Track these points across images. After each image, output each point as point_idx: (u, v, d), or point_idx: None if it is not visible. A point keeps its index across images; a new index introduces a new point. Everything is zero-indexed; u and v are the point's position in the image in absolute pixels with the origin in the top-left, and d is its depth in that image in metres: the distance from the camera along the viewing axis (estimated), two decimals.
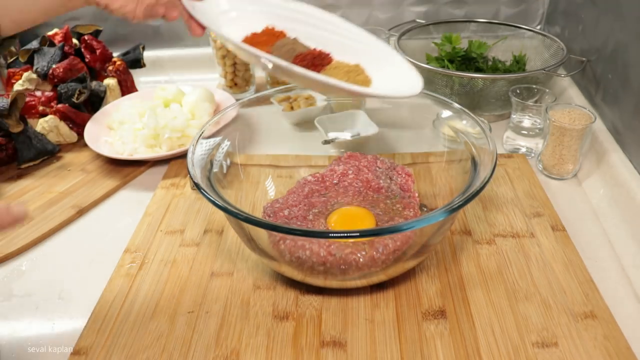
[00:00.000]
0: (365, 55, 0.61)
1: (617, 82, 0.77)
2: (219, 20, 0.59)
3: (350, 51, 0.61)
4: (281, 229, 0.51)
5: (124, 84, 1.03)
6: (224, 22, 0.60)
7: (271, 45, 0.59)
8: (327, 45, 0.61)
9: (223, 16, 0.60)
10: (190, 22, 0.57)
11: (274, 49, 0.59)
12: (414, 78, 0.58)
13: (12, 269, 0.66)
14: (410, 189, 0.67)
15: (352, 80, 0.58)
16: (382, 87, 0.58)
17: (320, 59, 0.59)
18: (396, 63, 0.61)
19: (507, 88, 0.85)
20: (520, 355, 0.50)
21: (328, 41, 0.62)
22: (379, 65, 0.61)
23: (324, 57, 0.60)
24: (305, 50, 0.60)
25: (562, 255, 0.61)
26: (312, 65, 0.58)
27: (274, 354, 0.52)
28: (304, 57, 0.58)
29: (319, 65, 0.59)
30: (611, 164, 0.71)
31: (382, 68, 0.60)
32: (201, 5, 0.58)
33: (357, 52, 0.61)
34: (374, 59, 0.61)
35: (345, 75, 0.58)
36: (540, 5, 1.13)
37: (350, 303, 0.57)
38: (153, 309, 0.57)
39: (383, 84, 0.58)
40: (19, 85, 0.95)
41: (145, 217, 0.71)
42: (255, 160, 0.71)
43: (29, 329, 0.58)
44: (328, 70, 0.59)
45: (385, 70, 0.60)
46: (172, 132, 0.83)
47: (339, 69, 0.59)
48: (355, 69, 0.59)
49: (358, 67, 0.60)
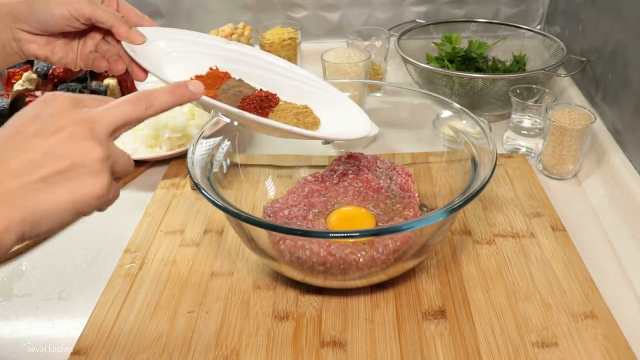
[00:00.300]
0: (312, 95, 0.62)
1: (617, 82, 0.77)
2: (162, 63, 0.58)
3: (297, 92, 0.62)
4: (281, 229, 0.51)
5: (124, 84, 1.03)
6: (166, 63, 0.58)
7: (217, 89, 0.58)
8: (273, 86, 0.61)
9: (165, 57, 0.58)
10: (132, 66, 0.56)
11: (220, 92, 0.58)
12: (361, 118, 0.60)
13: (12, 269, 0.66)
14: (410, 189, 0.67)
15: (302, 122, 0.58)
16: (331, 129, 0.58)
17: (267, 100, 0.59)
18: (343, 104, 0.62)
19: (507, 88, 0.85)
20: (520, 355, 0.50)
21: (273, 82, 0.62)
22: (326, 106, 0.61)
23: (270, 98, 0.59)
24: (251, 92, 0.59)
25: (562, 255, 0.61)
26: (260, 108, 0.58)
27: (274, 354, 0.52)
28: (251, 100, 0.58)
29: (266, 107, 0.58)
30: (611, 164, 0.71)
31: (330, 109, 0.61)
32: (142, 49, 0.56)
33: (303, 93, 0.62)
34: (321, 100, 0.61)
35: (295, 117, 0.58)
36: (540, 5, 1.13)
37: (350, 303, 0.57)
38: (153, 309, 0.57)
39: (332, 125, 0.59)
40: (19, 85, 0.95)
41: (145, 217, 0.71)
42: (255, 160, 0.71)
43: (28, 329, 0.58)
44: (276, 112, 0.58)
45: (333, 111, 0.61)
46: (172, 132, 0.83)
47: (287, 110, 0.59)
48: (304, 111, 0.60)
49: (307, 109, 0.60)
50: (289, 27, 1.08)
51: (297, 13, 1.16)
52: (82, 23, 0.53)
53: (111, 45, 0.57)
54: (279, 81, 0.62)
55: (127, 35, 0.54)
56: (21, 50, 0.53)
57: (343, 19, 1.16)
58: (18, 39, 0.52)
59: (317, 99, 0.61)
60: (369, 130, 0.59)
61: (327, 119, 0.60)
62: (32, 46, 0.53)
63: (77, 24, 0.52)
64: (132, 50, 0.55)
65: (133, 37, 0.55)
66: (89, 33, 0.57)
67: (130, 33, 0.55)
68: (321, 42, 1.18)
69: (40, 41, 0.54)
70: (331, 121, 0.60)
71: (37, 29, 0.52)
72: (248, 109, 0.57)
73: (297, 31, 1.07)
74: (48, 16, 0.51)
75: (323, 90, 0.62)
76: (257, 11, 1.16)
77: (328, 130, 0.59)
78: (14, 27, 0.52)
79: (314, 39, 1.18)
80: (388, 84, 0.77)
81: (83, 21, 0.52)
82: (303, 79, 0.62)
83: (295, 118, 0.58)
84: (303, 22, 1.16)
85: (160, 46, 0.58)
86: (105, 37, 0.57)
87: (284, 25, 1.09)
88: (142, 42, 0.56)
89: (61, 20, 0.51)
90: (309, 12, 1.16)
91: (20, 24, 0.52)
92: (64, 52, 0.56)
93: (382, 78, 1.05)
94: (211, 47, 0.61)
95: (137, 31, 0.55)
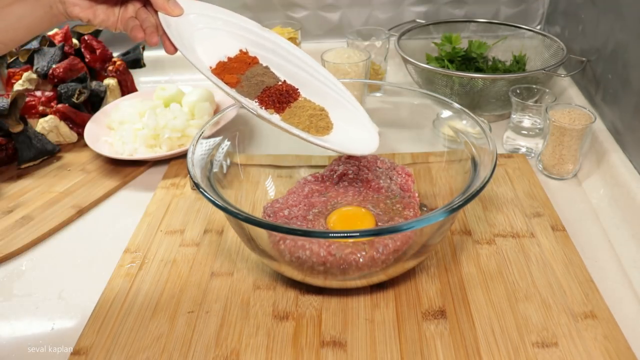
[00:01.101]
0: (331, 99, 0.62)
1: (617, 82, 0.77)
2: (194, 38, 0.59)
3: (318, 92, 0.62)
4: (281, 229, 0.51)
5: (124, 84, 1.03)
6: (198, 40, 0.59)
7: (242, 74, 0.59)
8: (296, 81, 0.62)
9: (198, 33, 0.59)
10: (164, 38, 0.57)
11: (244, 79, 0.59)
12: (373, 135, 0.61)
13: (12, 269, 0.66)
14: (410, 189, 0.67)
15: (315, 125, 0.59)
16: (340, 138, 0.59)
17: (287, 95, 0.60)
18: (359, 117, 0.62)
19: (507, 88, 0.85)
20: (520, 355, 0.50)
21: (298, 76, 0.62)
22: (342, 113, 0.61)
23: (291, 92, 0.60)
24: (273, 83, 0.60)
25: (562, 255, 0.61)
26: (277, 102, 0.59)
27: (274, 354, 0.52)
28: (271, 92, 0.59)
29: (284, 102, 0.59)
30: (611, 164, 0.71)
31: (345, 117, 0.61)
32: (177, 23, 0.57)
33: (324, 95, 0.62)
34: (339, 106, 0.62)
35: (308, 119, 0.59)
36: (540, 5, 1.13)
37: (350, 303, 0.57)
38: (153, 309, 0.57)
39: (342, 134, 0.60)
40: (19, 85, 0.95)
41: (145, 217, 0.71)
42: (255, 160, 0.71)
43: (28, 329, 0.58)
44: (294, 108, 0.59)
45: (347, 120, 0.61)
46: (172, 132, 0.83)
47: (303, 109, 0.60)
48: (319, 113, 0.60)
49: (323, 111, 0.61)
50: (289, 27, 1.08)
51: (297, 13, 1.16)
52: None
53: (149, 15, 0.57)
54: (303, 77, 0.62)
55: (164, 5, 0.56)
56: (65, 11, 0.55)
57: (343, 19, 1.16)
58: (63, 0, 0.54)
59: (336, 104, 0.62)
60: (375, 147, 0.59)
61: (340, 126, 0.61)
62: (75, 9, 0.55)
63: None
64: (166, 23, 0.56)
65: (170, 8, 0.56)
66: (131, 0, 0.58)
67: (166, 4, 0.55)
68: (321, 42, 1.18)
69: (83, 4, 0.55)
70: (343, 130, 0.60)
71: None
72: (266, 102, 0.59)
73: (297, 31, 1.07)
74: None
75: (343, 98, 0.62)
76: (257, 11, 1.16)
77: (336, 139, 0.59)
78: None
79: (314, 39, 1.18)
80: (388, 84, 0.77)
81: None
82: (326, 82, 0.62)
83: (309, 119, 0.59)
84: (303, 22, 1.16)
85: (192, 20, 0.59)
86: (146, 4, 0.58)
87: (284, 25, 1.09)
88: (178, 14, 0.57)
89: None
90: (309, 12, 1.16)
91: None
92: (105, 16, 0.57)
93: (382, 78, 1.05)
94: (245, 30, 0.62)
95: (174, 2, 0.56)
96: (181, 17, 0.57)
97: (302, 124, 0.59)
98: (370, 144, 0.60)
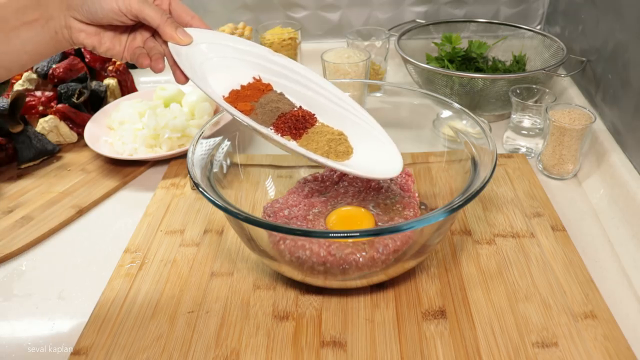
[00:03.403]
0: (350, 122, 0.59)
1: (617, 82, 0.77)
2: (204, 68, 0.57)
3: (335, 116, 0.60)
4: (281, 229, 0.51)
5: (124, 84, 1.03)
6: (209, 70, 0.57)
7: (255, 101, 0.57)
8: (312, 106, 0.60)
9: (208, 63, 0.58)
10: (175, 68, 0.56)
11: (258, 106, 0.57)
12: (396, 157, 0.57)
13: (12, 269, 0.66)
14: (410, 189, 0.67)
15: (334, 150, 0.56)
16: (362, 161, 0.57)
17: (304, 121, 0.58)
18: (379, 137, 0.59)
19: (507, 88, 0.85)
20: (520, 355, 0.50)
21: (313, 101, 0.60)
22: (362, 136, 0.59)
23: (307, 118, 0.58)
24: (289, 109, 0.58)
25: (562, 255, 0.61)
26: (294, 129, 0.57)
27: (274, 354, 0.52)
28: (287, 119, 0.57)
29: (301, 128, 0.57)
30: (611, 164, 0.71)
31: (365, 140, 0.59)
32: (187, 51, 0.56)
33: (342, 118, 0.60)
34: (358, 129, 0.59)
35: (327, 144, 0.57)
36: (540, 5, 1.13)
37: (350, 303, 0.57)
38: (153, 309, 0.57)
39: (364, 157, 0.57)
40: (19, 85, 0.95)
41: (145, 217, 0.71)
42: (255, 160, 0.71)
43: (29, 329, 0.58)
44: (311, 134, 0.57)
45: (368, 142, 0.58)
46: (172, 132, 0.83)
47: (321, 134, 0.57)
48: (338, 138, 0.58)
49: (342, 136, 0.58)
50: (289, 27, 1.08)
51: (297, 13, 1.16)
52: (130, 19, 0.53)
53: (157, 44, 0.57)
54: (319, 102, 0.60)
55: (172, 36, 0.55)
56: (71, 37, 0.54)
57: (343, 19, 1.16)
58: (69, 26, 0.53)
59: (354, 126, 0.59)
60: (400, 169, 0.56)
61: (360, 150, 0.58)
62: (81, 35, 0.54)
63: (125, 19, 0.53)
64: (176, 52, 0.55)
65: (178, 38, 0.55)
66: (139, 29, 0.57)
67: (175, 34, 0.55)
68: (321, 42, 1.18)
69: (90, 30, 0.54)
70: (364, 152, 0.58)
71: (87, 19, 0.53)
72: (282, 128, 0.57)
73: (297, 31, 1.07)
74: (98, 8, 0.52)
75: (361, 119, 0.60)
76: (257, 11, 1.16)
77: (358, 164, 0.56)
78: (67, 14, 0.53)
79: (314, 39, 1.18)
80: (388, 84, 0.77)
81: (131, 17, 0.53)
82: (343, 104, 0.60)
83: (327, 145, 0.57)
84: (303, 22, 1.16)
85: (203, 50, 0.57)
86: (155, 34, 0.57)
87: (284, 25, 1.09)
88: (187, 44, 0.56)
89: (110, 14, 0.52)
90: (309, 12, 1.16)
91: (73, 12, 0.52)
92: (111, 44, 0.56)
93: (382, 78, 1.05)
94: (256, 55, 0.60)
95: (183, 32, 0.55)
96: (191, 46, 0.56)
97: (321, 149, 0.56)
98: (395, 166, 0.56)
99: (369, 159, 0.57)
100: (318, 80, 0.61)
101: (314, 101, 0.60)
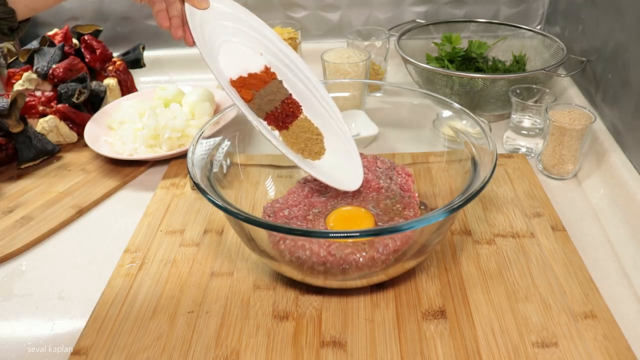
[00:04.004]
0: (328, 126, 0.64)
1: (617, 82, 0.77)
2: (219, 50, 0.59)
3: (317, 114, 0.64)
4: (281, 229, 0.51)
5: (124, 84, 1.03)
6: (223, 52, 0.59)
7: (257, 91, 0.61)
8: (301, 97, 0.63)
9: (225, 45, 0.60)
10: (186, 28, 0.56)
11: (257, 96, 0.60)
12: (358, 174, 0.63)
13: (12, 269, 0.66)
14: (410, 189, 0.67)
15: (309, 149, 0.62)
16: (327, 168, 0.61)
17: (292, 114, 0.62)
18: (349, 150, 0.64)
19: (507, 88, 0.85)
20: (520, 355, 0.50)
21: (302, 94, 0.64)
22: (335, 142, 0.64)
23: (294, 110, 0.62)
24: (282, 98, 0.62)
25: (562, 255, 0.61)
26: (280, 121, 0.61)
27: (274, 354, 0.52)
28: (278, 113, 0.61)
29: (288, 122, 0.62)
30: (611, 164, 0.71)
31: (336, 147, 0.63)
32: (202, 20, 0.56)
33: (322, 118, 0.64)
34: (333, 135, 0.64)
35: (304, 142, 0.62)
36: (540, 5, 1.13)
37: (350, 303, 0.57)
38: (153, 309, 0.57)
39: (330, 163, 0.62)
40: (19, 85, 0.95)
41: (145, 217, 0.71)
42: (255, 160, 0.71)
43: (28, 329, 0.58)
44: (294, 126, 0.62)
45: (338, 150, 0.63)
46: (172, 132, 0.83)
47: (302, 130, 0.62)
48: (315, 138, 0.63)
49: (319, 136, 0.63)
50: (289, 27, 1.08)
51: (297, 13, 1.16)
52: None
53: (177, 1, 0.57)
54: (307, 96, 0.64)
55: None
56: None
57: (343, 19, 1.16)
58: None
59: (331, 131, 0.64)
60: (358, 186, 0.62)
61: (330, 154, 0.63)
62: None
63: None
64: (191, 14, 0.55)
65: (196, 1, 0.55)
66: None
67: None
68: (321, 42, 1.18)
69: None
70: (332, 158, 0.63)
71: None
72: (270, 118, 0.61)
73: (297, 31, 1.07)
74: None
75: (339, 128, 0.64)
76: (257, 11, 1.14)
77: (324, 168, 0.61)
78: None
79: (314, 39, 1.18)
80: (388, 84, 0.77)
81: None
82: (326, 106, 0.64)
83: (304, 143, 0.61)
84: (303, 22, 1.16)
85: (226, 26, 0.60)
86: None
87: (284, 25, 1.09)
88: (204, 8, 0.56)
89: None
90: (309, 12, 1.16)
91: None
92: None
93: (382, 78, 1.05)
94: (266, 38, 0.63)
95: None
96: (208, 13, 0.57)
97: (297, 146, 0.61)
98: (355, 181, 0.62)
99: (335, 166, 0.62)
100: (310, 76, 0.64)
101: (302, 93, 0.64)
